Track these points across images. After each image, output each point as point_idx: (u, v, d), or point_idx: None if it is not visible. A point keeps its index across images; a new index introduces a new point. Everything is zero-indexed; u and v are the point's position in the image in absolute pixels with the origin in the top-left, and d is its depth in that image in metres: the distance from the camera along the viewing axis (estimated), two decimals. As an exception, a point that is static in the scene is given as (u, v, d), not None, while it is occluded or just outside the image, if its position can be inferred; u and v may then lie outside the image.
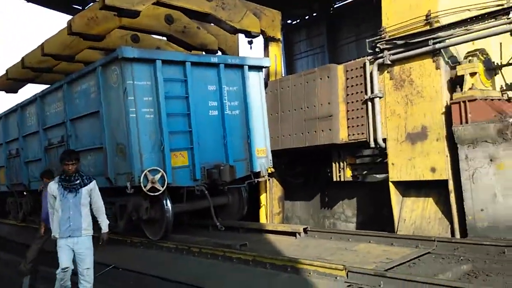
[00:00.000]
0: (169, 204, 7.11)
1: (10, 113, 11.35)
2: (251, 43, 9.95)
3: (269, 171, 8.47)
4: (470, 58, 6.30)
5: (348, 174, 8.02)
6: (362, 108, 7.43)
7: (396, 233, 6.80)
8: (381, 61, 7.02)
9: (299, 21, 20.74)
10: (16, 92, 12.64)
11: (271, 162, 8.36)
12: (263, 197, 9.27)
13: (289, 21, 20.37)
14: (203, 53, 9.94)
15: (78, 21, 8.10)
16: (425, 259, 5.35)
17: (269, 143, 8.38)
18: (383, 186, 7.26)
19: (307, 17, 20.43)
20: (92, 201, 5.11)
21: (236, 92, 8.08)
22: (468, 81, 6.20)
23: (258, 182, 8.48)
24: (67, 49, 9.13)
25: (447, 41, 6.35)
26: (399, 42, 6.75)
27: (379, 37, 7.08)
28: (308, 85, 8.10)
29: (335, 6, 19.09)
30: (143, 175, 6.68)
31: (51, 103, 9.16)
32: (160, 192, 6.81)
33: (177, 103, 7.35)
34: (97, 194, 5.16)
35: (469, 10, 6.31)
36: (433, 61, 6.48)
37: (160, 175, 6.82)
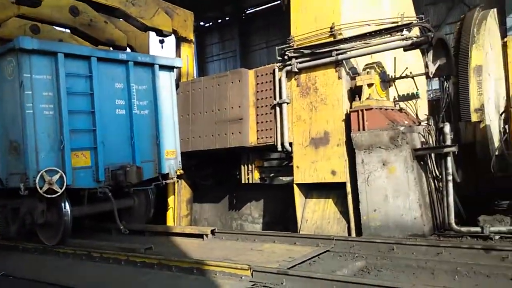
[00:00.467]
0: (67, 207, 6.70)
1: None
2: (162, 42, 9.78)
3: (178, 172, 8.37)
4: (368, 70, 6.82)
5: (256, 176, 8.21)
6: (271, 112, 7.66)
7: (299, 232, 7.11)
8: (289, 68, 7.31)
9: (211, 23, 20.82)
10: None
11: (180, 163, 8.27)
12: (171, 200, 9.12)
13: (202, 23, 20.35)
14: (111, 48, 9.53)
15: (-32, 6, 7.33)
16: (324, 257, 5.66)
17: (179, 145, 8.28)
18: (288, 188, 7.55)
19: (220, 21, 20.59)
20: None
21: (145, 91, 7.87)
22: (365, 91, 6.71)
23: (166, 184, 8.34)
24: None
25: (349, 53, 6.81)
26: (306, 51, 7.10)
27: (287, 45, 7.37)
28: (219, 88, 8.15)
29: (247, 12, 19.46)
30: (39, 175, 6.22)
31: None
32: (58, 194, 6.39)
33: (81, 99, 6.98)
34: None
35: (368, 25, 6.84)
36: (336, 71, 6.91)
37: (58, 176, 6.41)
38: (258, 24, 19.20)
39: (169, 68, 8.29)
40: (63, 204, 6.66)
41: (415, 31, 6.70)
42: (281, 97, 7.45)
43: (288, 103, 7.42)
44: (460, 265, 4.80)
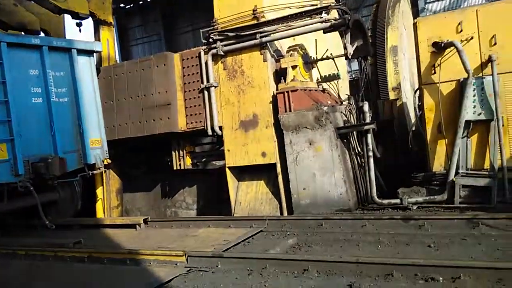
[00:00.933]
0: (-17, 205, 6.23)
1: None
2: (80, 25, 9.22)
3: (105, 162, 8.07)
4: (291, 52, 6.97)
5: (188, 162, 8.15)
6: (199, 96, 7.59)
7: (233, 215, 7.21)
8: (215, 51, 7.26)
9: (132, 5, 19.97)
10: None
11: (107, 153, 7.97)
12: (99, 191, 8.78)
13: (122, 4, 19.46)
14: (23, 33, 8.83)
15: None
16: (258, 237, 5.80)
17: (104, 133, 7.95)
18: (221, 172, 7.59)
19: (141, 2, 19.81)
20: None
21: (63, 77, 7.44)
22: (290, 73, 6.87)
23: (93, 174, 8.01)
24: None
25: (272, 35, 6.91)
26: (230, 34, 7.09)
27: (212, 28, 7.30)
28: (144, 73, 7.91)
29: (172, -6, 18.92)
30: None
31: None
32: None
33: (-9, 89, 6.45)
34: None
35: (289, 7, 6.97)
36: (261, 54, 6.98)
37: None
38: (182, 6, 18.74)
39: (88, 52, 7.87)
40: (-23, 202, 6.19)
41: (334, 14, 6.94)
42: (208, 81, 7.41)
43: (216, 87, 7.40)
44: (382, 236, 5.15)
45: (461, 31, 6.39)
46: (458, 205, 5.89)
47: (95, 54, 8.11)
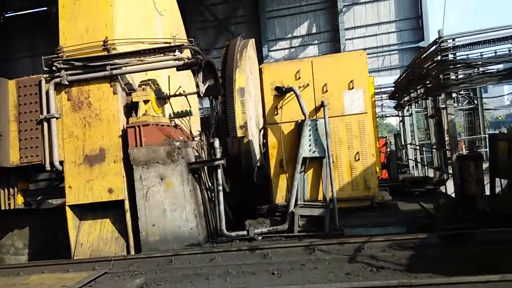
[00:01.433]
0: None
1: None
2: None
3: None
4: (143, 86, 6.89)
5: (19, 201, 7.26)
6: (37, 128, 6.91)
7: (72, 258, 6.58)
8: (58, 80, 6.77)
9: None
10: None
11: None
12: None
13: None
14: None
15: None
16: (102, 280, 5.40)
17: None
18: (59, 211, 6.91)
19: (-30, 21, 17.58)
20: None
21: None
22: (142, 107, 6.77)
23: None
24: None
25: (124, 68, 6.77)
26: (77, 63, 6.71)
27: (56, 55, 6.82)
28: (-32, 99, 6.90)
29: (7, 15, 17.21)
30: None
31: None
32: None
33: None
34: None
35: (142, 42, 6.95)
36: (111, 86, 6.74)
37: None
38: (20, 30, 17.12)
39: None
40: None
41: (187, 53, 7.15)
42: (49, 112, 6.82)
43: (57, 118, 6.84)
44: (230, 267, 5.29)
45: (299, 78, 7.18)
46: (297, 233, 6.41)
47: None
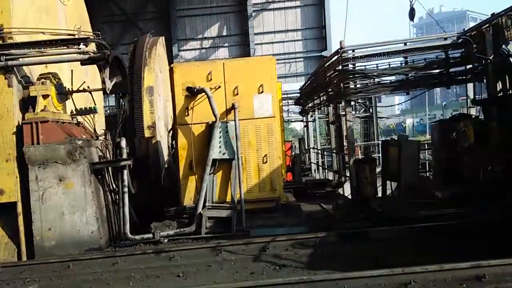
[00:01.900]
0: None
1: None
2: None
3: None
4: (43, 80, 6.41)
5: None
6: None
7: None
8: None
9: None
10: None
11: None
12: None
13: None
14: None
15: None
16: (-11, 290, 4.94)
17: None
18: None
19: None
20: None
21: None
22: (40, 102, 6.29)
23: None
24: None
25: (21, 60, 6.23)
26: None
27: None
28: None
29: None
30: None
31: None
32: None
33: None
34: None
35: (43, 33, 6.47)
36: (5, 78, 6.17)
37: None
38: None
39: None
40: None
41: (92, 47, 6.80)
42: None
43: None
44: (134, 271, 5.15)
45: (211, 79, 7.22)
46: (204, 235, 6.44)
47: None
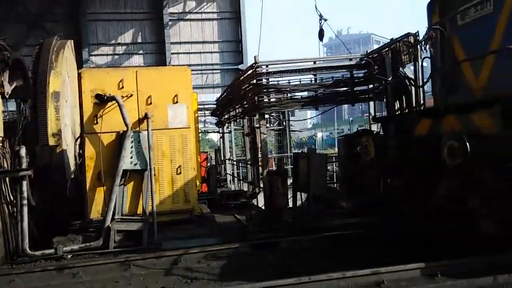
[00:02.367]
0: None
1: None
2: None
3: None
4: None
5: None
6: None
7: None
8: None
9: None
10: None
11: None
12: None
13: None
14: None
15: None
16: None
17: None
18: None
19: None
20: None
21: None
22: None
23: None
24: None
25: None
26: None
27: None
28: None
29: None
30: None
31: None
32: None
33: None
34: None
35: None
36: None
37: None
38: None
39: None
40: None
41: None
42: None
43: None
44: (32, 290, 4.78)
45: (123, 87, 7.00)
46: (112, 249, 6.15)
47: None
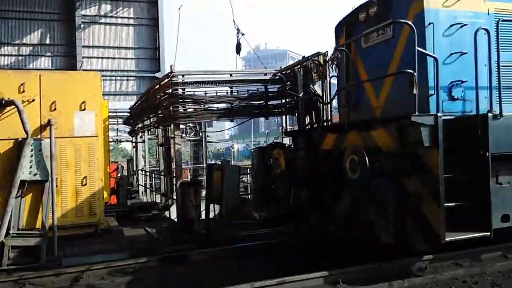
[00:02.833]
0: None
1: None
2: None
3: None
4: None
5: None
6: None
7: None
8: None
9: None
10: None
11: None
12: None
13: None
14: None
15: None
16: None
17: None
18: None
19: None
20: None
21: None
22: None
23: None
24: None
25: None
26: None
27: None
28: None
29: None
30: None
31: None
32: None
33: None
34: None
35: None
36: None
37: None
38: None
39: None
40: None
41: None
42: None
43: None
44: None
45: (24, 91, 6.52)
46: (6, 267, 5.62)
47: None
